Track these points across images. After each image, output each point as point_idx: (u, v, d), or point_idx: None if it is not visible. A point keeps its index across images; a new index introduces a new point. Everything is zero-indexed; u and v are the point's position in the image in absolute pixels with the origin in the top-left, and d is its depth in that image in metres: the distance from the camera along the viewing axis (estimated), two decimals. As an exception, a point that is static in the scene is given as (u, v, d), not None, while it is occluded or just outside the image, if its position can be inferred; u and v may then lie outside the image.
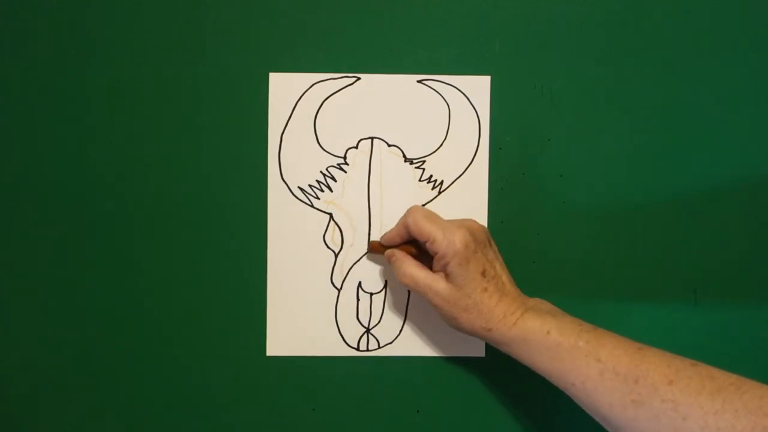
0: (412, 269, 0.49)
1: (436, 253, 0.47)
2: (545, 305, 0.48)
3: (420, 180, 0.54)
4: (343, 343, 0.54)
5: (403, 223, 0.50)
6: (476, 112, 0.54)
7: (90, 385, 0.54)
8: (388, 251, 0.51)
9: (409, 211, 0.50)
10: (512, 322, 0.46)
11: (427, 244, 0.48)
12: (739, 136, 0.54)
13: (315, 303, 0.54)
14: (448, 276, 0.47)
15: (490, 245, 0.49)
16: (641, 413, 0.40)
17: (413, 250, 0.51)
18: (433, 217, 0.49)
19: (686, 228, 0.54)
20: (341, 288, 0.54)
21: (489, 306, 0.46)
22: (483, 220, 0.54)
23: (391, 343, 0.54)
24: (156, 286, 0.54)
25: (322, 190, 0.54)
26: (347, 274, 0.54)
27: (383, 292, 0.54)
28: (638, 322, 0.54)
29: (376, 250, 0.53)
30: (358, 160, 0.54)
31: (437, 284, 0.47)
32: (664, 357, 0.42)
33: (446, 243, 0.46)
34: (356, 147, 0.54)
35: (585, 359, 0.43)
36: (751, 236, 0.54)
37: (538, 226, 0.54)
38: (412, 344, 0.54)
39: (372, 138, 0.54)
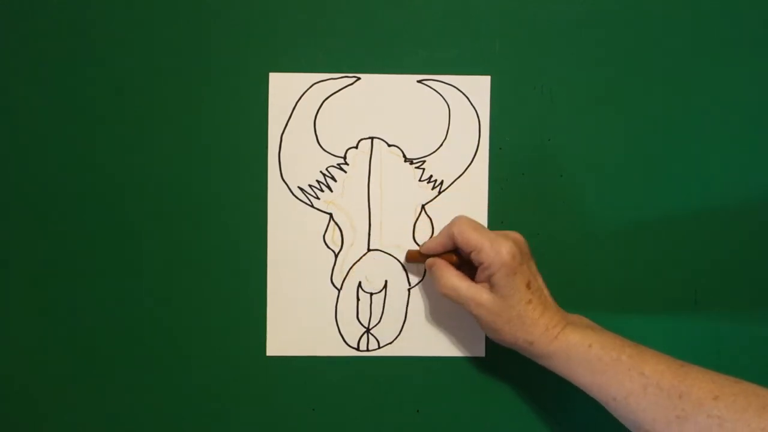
0: (453, 280, 0.48)
1: (482, 263, 0.47)
2: (585, 320, 0.48)
3: (420, 180, 0.54)
4: (343, 343, 0.54)
5: (448, 232, 0.49)
6: (476, 112, 0.54)
7: (89, 384, 0.54)
8: (429, 260, 0.51)
9: (455, 221, 0.49)
10: (554, 336, 0.46)
11: (473, 254, 0.47)
12: (739, 136, 0.54)
13: (315, 303, 0.54)
14: (492, 287, 0.47)
15: (532, 258, 0.49)
16: (686, 429, 0.40)
17: (454, 258, 0.50)
18: (479, 227, 0.49)
19: (687, 228, 0.54)
20: (341, 288, 0.54)
21: (533, 318, 0.46)
22: (483, 220, 0.54)
23: (391, 343, 0.54)
24: (156, 286, 0.54)
25: (322, 190, 0.54)
26: (347, 274, 0.54)
27: (383, 292, 0.54)
28: (638, 323, 0.54)
29: (413, 259, 0.53)
30: (358, 160, 0.54)
31: (480, 295, 0.47)
32: (708, 373, 0.41)
33: (493, 253, 0.46)
34: (356, 147, 0.54)
35: (628, 373, 0.43)
36: (752, 237, 0.54)
37: (538, 226, 0.54)
38: (412, 344, 0.54)
39: (372, 138, 0.54)
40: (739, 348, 0.55)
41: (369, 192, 0.54)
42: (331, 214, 0.54)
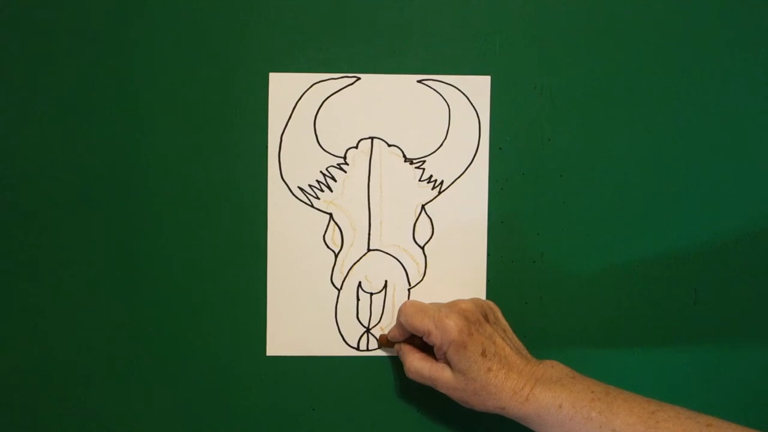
0: (416, 363, 0.49)
1: (434, 345, 0.48)
2: (555, 371, 0.47)
3: (420, 180, 0.54)
4: (343, 343, 0.54)
5: (399, 321, 0.51)
6: (476, 112, 0.54)
7: (89, 384, 0.54)
8: (396, 346, 0.53)
9: (401, 309, 0.51)
10: (524, 398, 0.45)
11: (424, 338, 0.49)
12: (740, 134, 0.54)
13: (315, 303, 0.54)
14: (450, 364, 0.47)
15: (487, 319, 0.49)
16: None
17: (418, 342, 0.51)
18: (424, 309, 0.49)
19: (687, 227, 0.54)
20: (341, 288, 0.54)
21: (497, 385, 0.46)
22: (483, 220, 0.54)
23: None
24: (156, 286, 0.54)
25: (322, 190, 0.54)
26: (347, 274, 0.54)
27: (383, 292, 0.54)
28: (638, 322, 0.54)
29: (385, 344, 0.54)
30: (358, 160, 0.54)
31: (442, 374, 0.48)
32: (679, 419, 0.41)
33: (440, 333, 0.47)
34: (356, 147, 0.54)
35: (600, 431, 0.43)
36: (751, 235, 0.54)
37: (538, 226, 0.54)
38: (412, 344, 0.55)
39: (372, 138, 0.54)
40: (739, 342, 0.55)
41: (369, 192, 0.54)
42: (331, 214, 0.54)
